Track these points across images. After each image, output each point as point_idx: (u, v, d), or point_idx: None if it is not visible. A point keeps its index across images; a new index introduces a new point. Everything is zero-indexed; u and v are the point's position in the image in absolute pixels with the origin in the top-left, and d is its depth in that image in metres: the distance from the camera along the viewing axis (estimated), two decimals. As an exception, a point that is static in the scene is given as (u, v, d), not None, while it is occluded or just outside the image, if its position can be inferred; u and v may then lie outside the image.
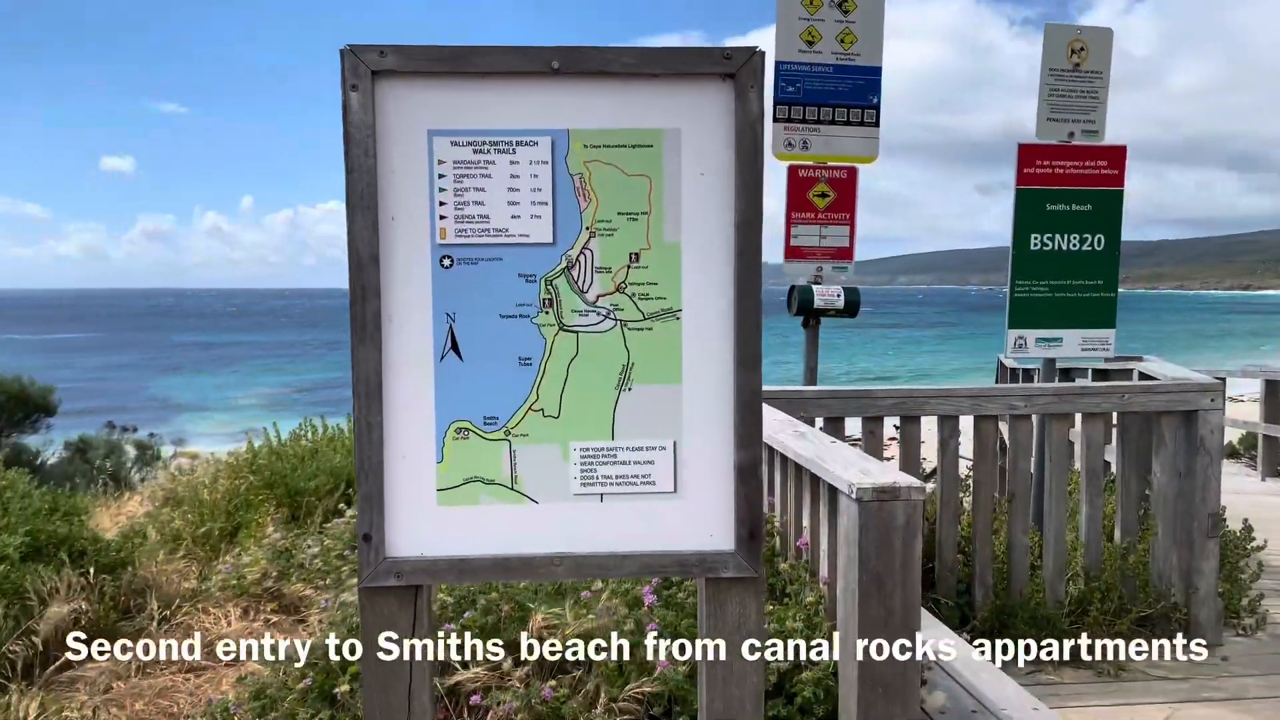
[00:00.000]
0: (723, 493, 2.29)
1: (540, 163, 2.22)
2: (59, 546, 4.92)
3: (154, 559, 5.47)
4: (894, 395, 5.11)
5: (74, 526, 5.04)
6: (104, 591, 4.86)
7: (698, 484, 2.29)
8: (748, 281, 2.25)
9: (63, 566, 4.81)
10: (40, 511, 5.12)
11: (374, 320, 2.20)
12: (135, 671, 4.50)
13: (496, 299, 2.24)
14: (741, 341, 2.25)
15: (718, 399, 2.28)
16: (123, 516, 7.99)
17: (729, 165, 2.24)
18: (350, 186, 2.18)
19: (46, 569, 4.66)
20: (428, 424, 2.25)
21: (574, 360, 2.26)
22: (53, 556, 4.86)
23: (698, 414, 2.28)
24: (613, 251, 2.25)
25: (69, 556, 4.90)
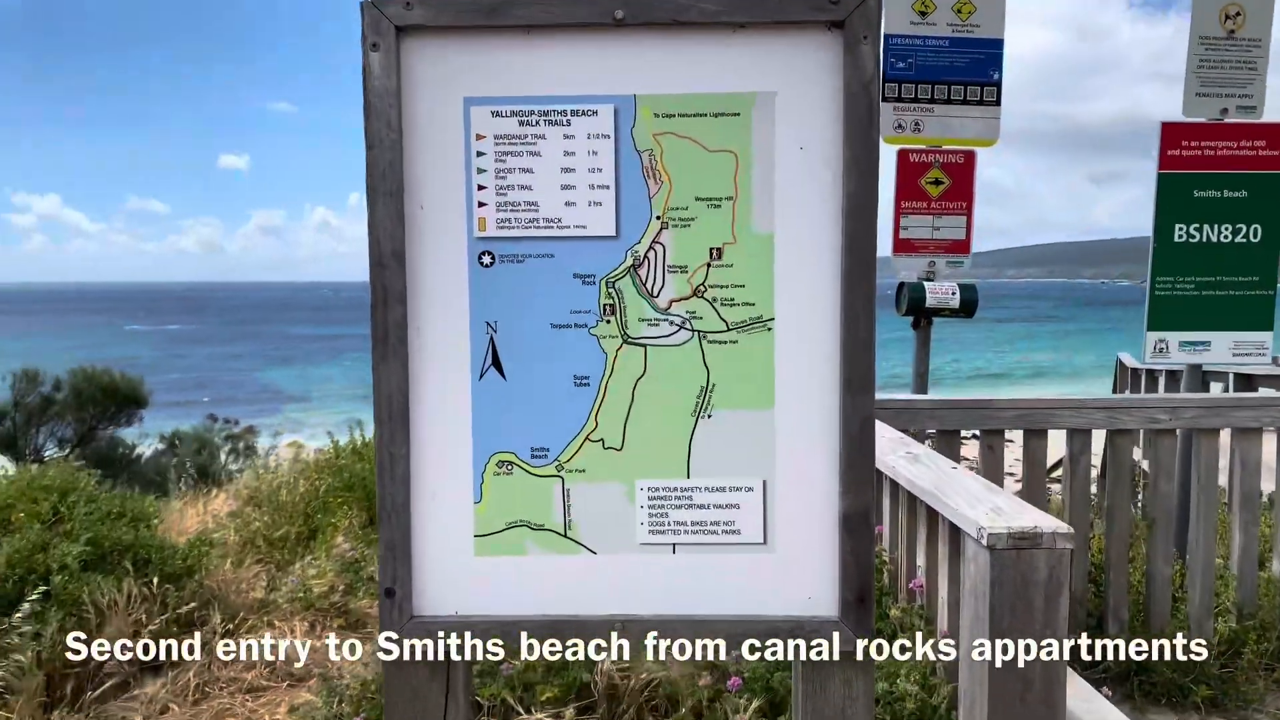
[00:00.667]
0: (824, 546, 1.84)
1: (601, 136, 1.80)
2: (123, 554, 4.71)
3: (221, 567, 5.24)
4: (1017, 406, 4.55)
5: (140, 533, 4.83)
6: (166, 603, 4.64)
7: (793, 534, 1.84)
8: (858, 283, 1.79)
9: (125, 576, 4.60)
10: (108, 515, 4.93)
11: (398, 330, 1.81)
12: (192, 692, 4.26)
13: (547, 305, 1.83)
14: (850, 358, 1.80)
15: (820, 429, 1.83)
16: (208, 515, 7.88)
17: (836, 137, 1.79)
18: (370, 166, 1.79)
19: (107, 580, 4.45)
20: (463, 456, 1.85)
21: (641, 380, 1.84)
22: (116, 565, 4.65)
23: (794, 447, 1.84)
24: (689, 246, 1.81)
25: (133, 565, 4.69)
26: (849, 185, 1.77)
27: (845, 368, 1.80)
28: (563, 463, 1.85)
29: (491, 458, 1.85)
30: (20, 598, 4.26)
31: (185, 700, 4.21)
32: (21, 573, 4.35)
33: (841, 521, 1.82)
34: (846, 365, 1.80)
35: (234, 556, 6.26)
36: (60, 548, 4.40)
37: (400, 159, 1.80)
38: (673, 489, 1.85)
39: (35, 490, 4.86)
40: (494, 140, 1.81)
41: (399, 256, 1.80)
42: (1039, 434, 4.59)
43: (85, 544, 4.52)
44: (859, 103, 1.76)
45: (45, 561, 4.38)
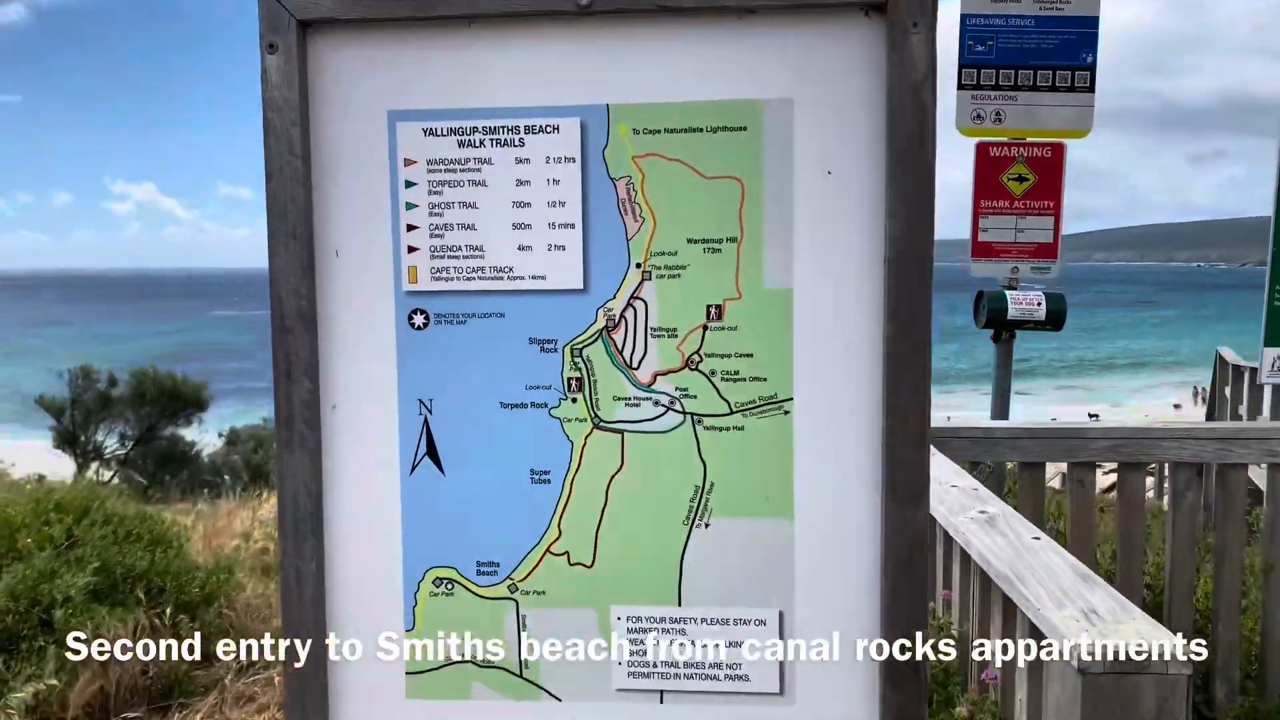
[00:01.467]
0: (860, 701, 1.39)
1: (564, 160, 1.37)
2: (136, 582, 4.45)
3: (242, 592, 4.96)
4: (1112, 435, 4.00)
5: (156, 558, 4.56)
6: (180, 636, 4.36)
7: (819, 684, 1.40)
8: (906, 356, 1.33)
9: (137, 607, 4.34)
10: (125, 538, 4.68)
11: (306, 411, 1.41)
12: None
13: (496, 378, 1.41)
14: (895, 456, 1.34)
15: (855, 549, 1.38)
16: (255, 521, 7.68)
17: (876, 159, 1.33)
18: (270, 202, 1.39)
19: (114, 612, 4.19)
20: (390, 571, 1.45)
21: (617, 476, 1.41)
22: (127, 595, 4.40)
23: (820, 570, 1.39)
24: (680, 303, 1.38)
25: (145, 593, 4.43)
26: (894, 225, 1.31)
27: (889, 469, 1.34)
28: (517, 582, 1.43)
29: (427, 574, 1.44)
30: (20, 634, 4.01)
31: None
32: (25, 605, 4.11)
33: (884, 672, 1.36)
34: (891, 465, 1.34)
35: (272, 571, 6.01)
36: (65, 578, 4.14)
37: (307, 192, 1.39)
38: (660, 619, 1.42)
39: (48, 511, 4.62)
40: (427, 166, 1.39)
41: (307, 317, 1.40)
42: (1136, 468, 4.03)
43: (93, 573, 4.26)
44: (907, 113, 1.30)
45: (50, 592, 4.13)
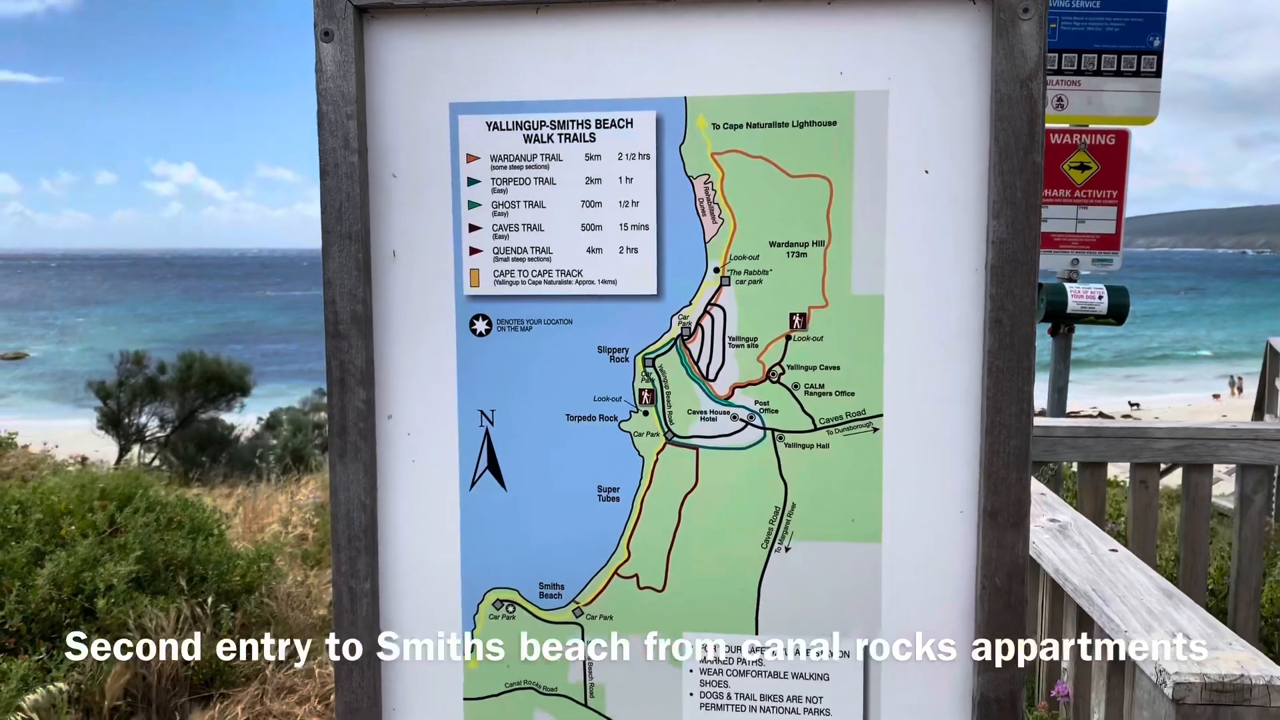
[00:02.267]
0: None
1: (638, 156, 1.27)
2: (178, 570, 4.43)
3: (284, 580, 4.93)
4: (1177, 435, 3.85)
5: (198, 546, 4.54)
6: (221, 624, 4.34)
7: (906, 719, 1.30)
8: (1009, 371, 1.22)
9: (179, 596, 4.32)
10: (167, 525, 4.66)
11: (361, 422, 1.33)
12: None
13: (562, 389, 1.32)
14: (995, 479, 1.24)
15: (948, 576, 1.28)
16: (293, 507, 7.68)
17: (979, 156, 1.22)
18: (325, 200, 1.31)
19: (156, 601, 4.17)
20: (448, 591, 1.37)
21: (691, 495, 1.32)
22: (169, 583, 4.38)
23: (909, 597, 1.29)
24: (761, 311, 1.28)
25: (188, 582, 4.41)
26: (997, 228, 1.21)
27: (987, 491, 1.24)
28: (582, 605, 1.35)
29: (487, 595, 1.36)
30: (63, 622, 4.00)
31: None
32: (68, 593, 4.10)
33: (978, 707, 1.27)
34: (990, 488, 1.24)
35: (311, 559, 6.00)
36: (108, 566, 4.12)
37: (363, 190, 1.30)
38: (735, 648, 1.33)
39: (93, 498, 4.61)
40: (491, 162, 1.30)
41: (362, 322, 1.31)
42: (1202, 469, 3.88)
43: (136, 561, 4.23)
44: (1014, 108, 1.19)
45: (93, 580, 4.11)
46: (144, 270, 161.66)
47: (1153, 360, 45.60)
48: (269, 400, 16.00)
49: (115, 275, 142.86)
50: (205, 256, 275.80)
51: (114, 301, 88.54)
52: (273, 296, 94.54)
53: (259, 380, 12.94)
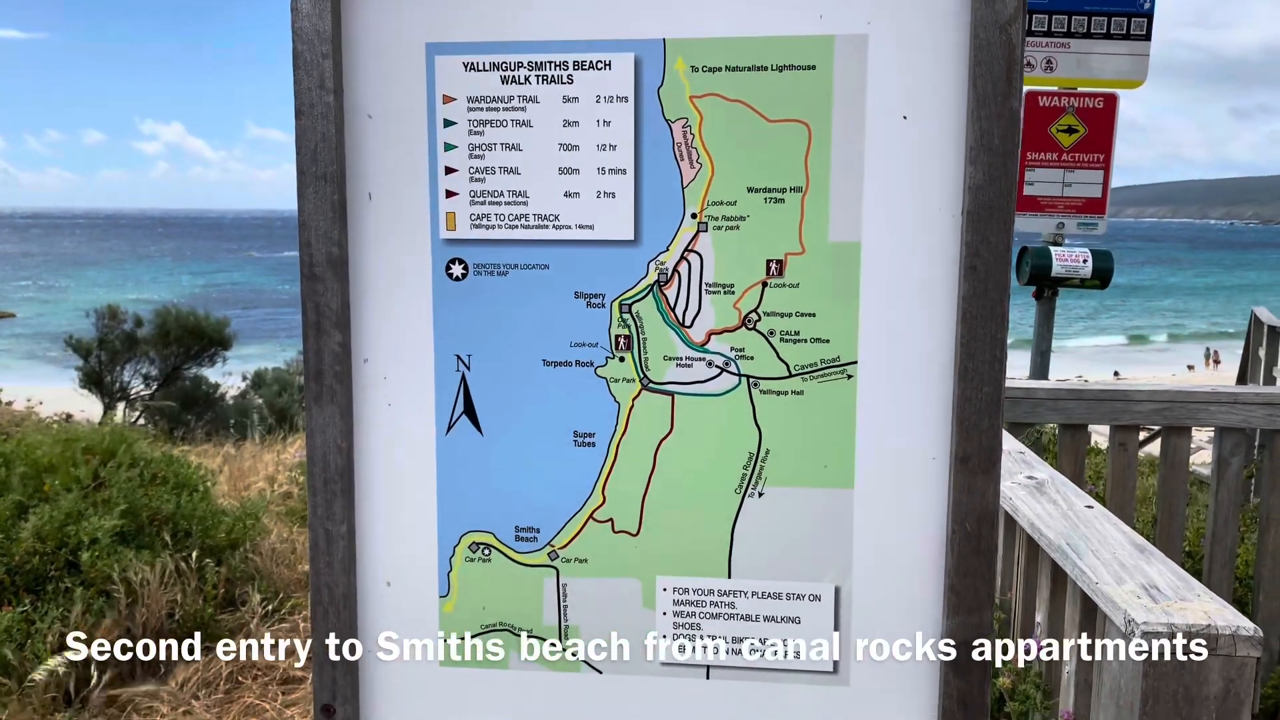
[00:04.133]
0: (919, 683, 1.31)
1: (615, 99, 1.27)
2: (162, 525, 4.44)
3: (268, 536, 4.95)
4: (1157, 398, 3.88)
5: (183, 502, 4.55)
6: (206, 579, 4.36)
7: (874, 664, 1.32)
8: (982, 318, 1.23)
9: (164, 550, 4.33)
10: (151, 480, 4.66)
11: (336, 365, 1.33)
12: (224, 681, 3.97)
13: (538, 334, 1.32)
14: (966, 424, 1.25)
15: (919, 521, 1.29)
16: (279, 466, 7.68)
17: (957, 102, 1.22)
18: (300, 141, 1.30)
19: (141, 555, 4.18)
20: (425, 535, 1.37)
21: (666, 441, 1.32)
22: (154, 538, 4.39)
23: (881, 543, 1.30)
24: (738, 257, 1.28)
25: (172, 537, 4.42)
26: (974, 175, 1.21)
27: (959, 437, 1.25)
28: (558, 549, 1.35)
29: (463, 538, 1.37)
30: (48, 575, 4.01)
31: (215, 691, 3.93)
32: (53, 546, 4.10)
33: (945, 660, 1.28)
34: (962, 434, 1.25)
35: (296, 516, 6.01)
36: (92, 520, 4.13)
37: (339, 131, 1.29)
38: (708, 592, 1.34)
39: (76, 453, 4.60)
40: (468, 104, 1.29)
41: (338, 265, 1.31)
42: (1181, 431, 3.91)
43: (120, 515, 4.24)
44: (993, 53, 1.19)
45: (78, 534, 4.12)
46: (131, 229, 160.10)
47: (1134, 329, 45.76)
48: (256, 361, 15.94)
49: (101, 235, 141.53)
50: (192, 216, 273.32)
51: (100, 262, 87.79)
52: (262, 258, 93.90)
53: (244, 341, 12.87)
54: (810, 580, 1.32)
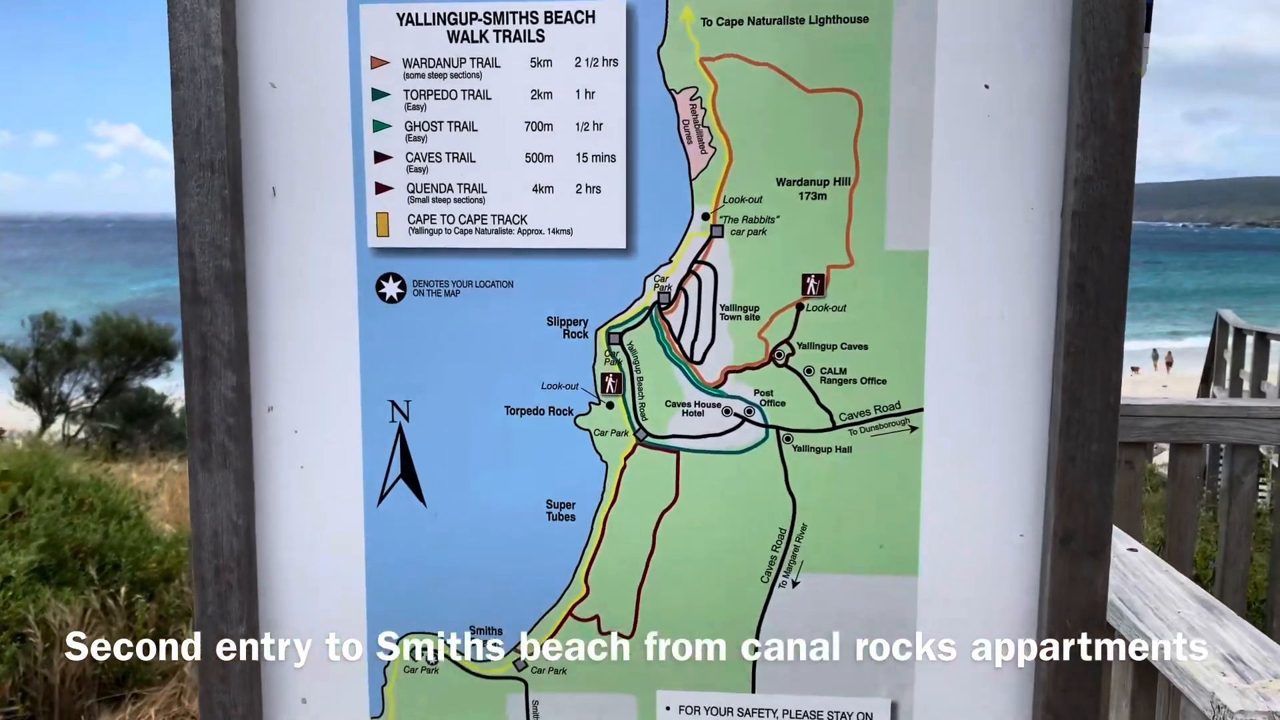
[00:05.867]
0: (1002, 829, 1.00)
1: (602, 62, 0.95)
2: (87, 559, 4.05)
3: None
4: (1166, 413, 3.61)
5: (110, 531, 4.16)
6: (136, 617, 3.97)
7: (943, 803, 1.01)
8: (1090, 347, 0.92)
9: (88, 586, 3.94)
10: (78, 506, 4.27)
11: (230, 416, 0.99)
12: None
13: (500, 373, 1.00)
14: (1068, 491, 0.94)
15: (1000, 615, 0.98)
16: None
17: (1057, 63, 0.91)
18: (178, 117, 0.97)
19: (60, 593, 3.79)
20: (351, 639, 1.04)
21: (669, 512, 1.00)
22: (78, 573, 3.99)
23: (953, 648, 0.99)
24: (765, 271, 0.96)
25: (98, 571, 4.03)
26: (1082, 162, 0.90)
27: (1059, 510, 0.94)
28: (526, 656, 1.03)
29: (401, 642, 1.04)
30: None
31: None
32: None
33: (1037, 791, 0.98)
34: (1062, 506, 0.94)
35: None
36: (6, 556, 3.73)
37: (232, 105, 0.96)
38: (725, 711, 1.02)
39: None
40: (404, 69, 0.97)
41: (231, 283, 0.98)
42: (1191, 449, 3.66)
43: (39, 550, 3.85)
44: (1110, 3, 0.88)
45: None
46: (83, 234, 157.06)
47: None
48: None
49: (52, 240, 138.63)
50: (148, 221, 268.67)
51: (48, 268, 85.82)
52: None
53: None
54: (860, 695, 1.01)
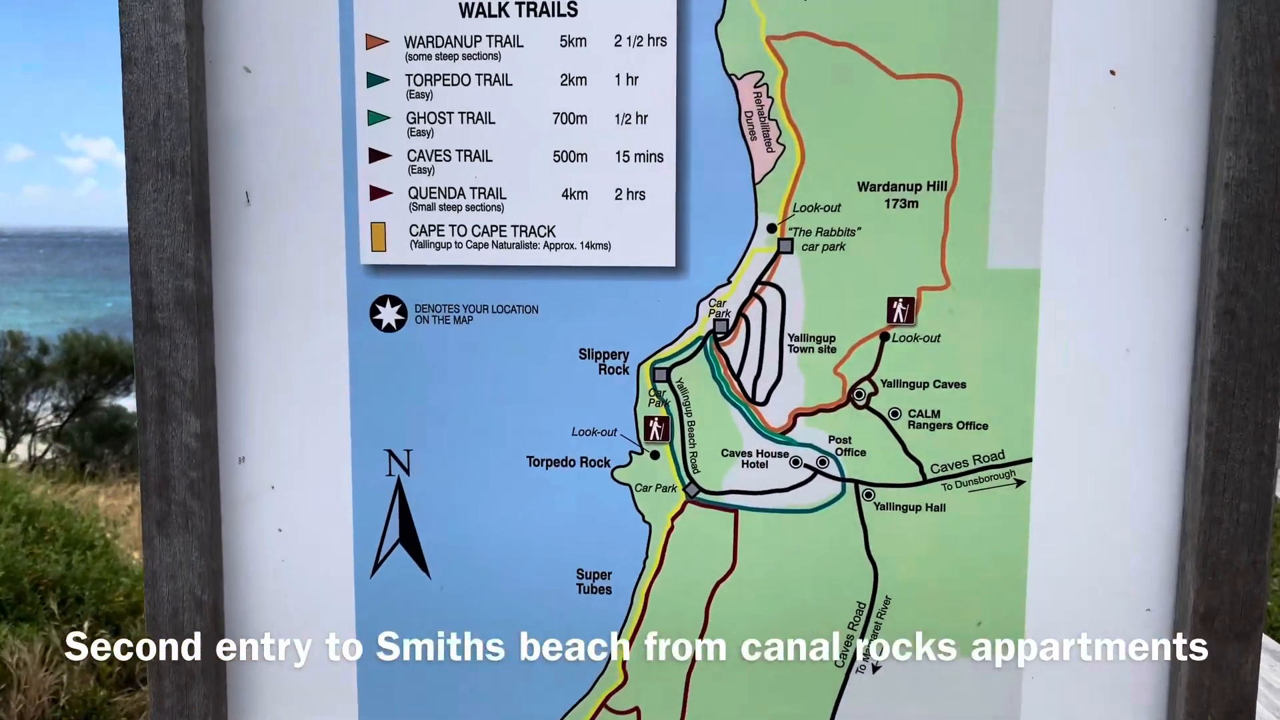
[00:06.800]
0: None
1: (646, 41, 0.78)
2: (47, 592, 3.83)
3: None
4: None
5: (74, 562, 3.94)
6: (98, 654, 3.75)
7: None
8: (1243, 390, 0.77)
9: (48, 621, 3.71)
10: (39, 536, 4.05)
11: (193, 470, 0.82)
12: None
13: (521, 417, 0.83)
14: (1211, 561, 0.78)
15: (1122, 713, 0.82)
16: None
17: (1200, 45, 0.76)
18: (131, 106, 0.79)
19: (18, 629, 3.56)
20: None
21: (725, 582, 0.84)
22: (38, 607, 3.77)
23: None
24: (843, 294, 0.80)
25: (59, 606, 3.81)
26: (1234, 163, 0.74)
27: (1201, 582, 0.78)
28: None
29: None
30: (-99, 658, 3.38)
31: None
32: (-90, 622, 3.47)
33: None
34: (1205, 579, 0.78)
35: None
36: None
37: (196, 92, 0.79)
38: (790, 820, 0.85)
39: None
40: (406, 49, 0.80)
41: (195, 308, 0.80)
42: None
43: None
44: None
45: (-58, 607, 3.50)
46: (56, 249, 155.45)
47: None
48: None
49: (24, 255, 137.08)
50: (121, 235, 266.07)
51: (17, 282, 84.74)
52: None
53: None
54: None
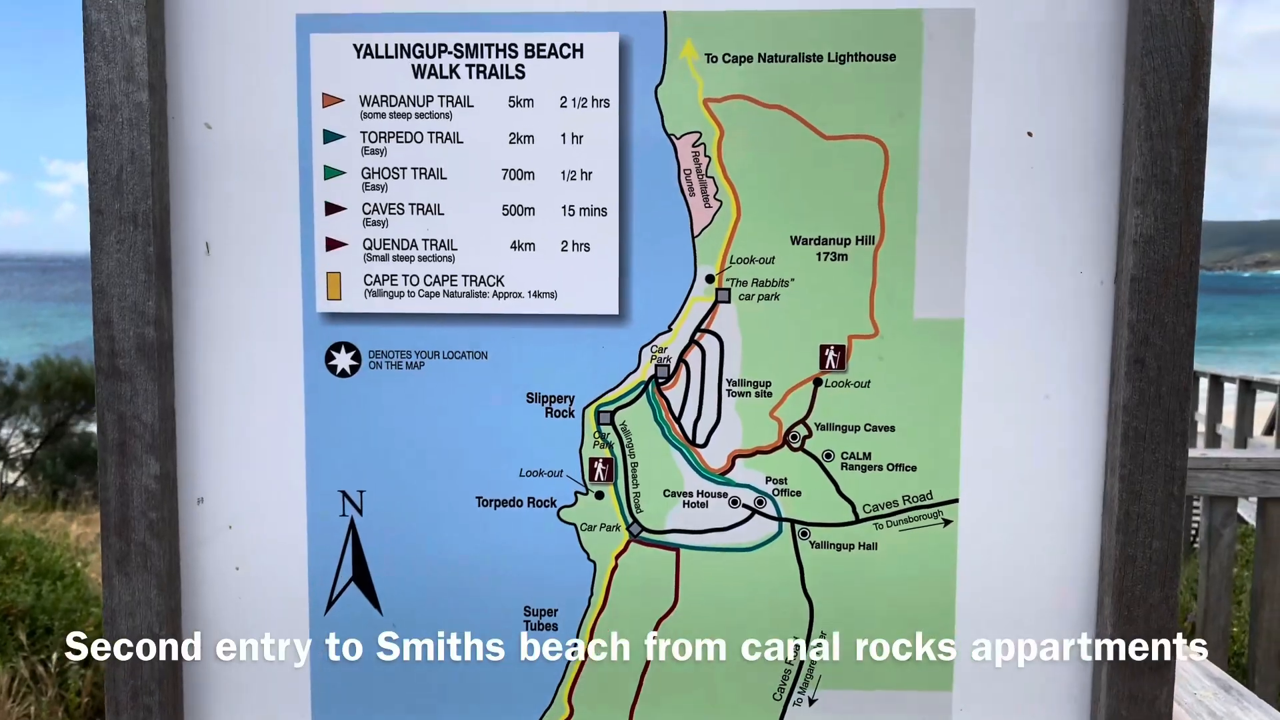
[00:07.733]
0: None
1: (591, 103, 0.82)
2: (17, 623, 3.81)
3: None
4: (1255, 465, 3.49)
5: (44, 592, 3.92)
6: (69, 685, 3.73)
7: None
8: (1154, 435, 0.81)
9: (17, 652, 3.69)
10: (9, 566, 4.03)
11: (152, 510, 0.85)
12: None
13: (471, 459, 0.86)
14: (1126, 597, 0.82)
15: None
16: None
17: (1112, 109, 0.81)
18: (95, 162, 0.83)
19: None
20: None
21: (668, 619, 0.87)
22: (6, 638, 3.75)
23: (991, 773, 0.86)
24: (779, 341, 0.84)
25: (29, 636, 3.79)
26: (1141, 221, 0.79)
27: (1116, 617, 0.82)
28: (501, 787, 0.88)
29: (353, 772, 0.89)
30: None
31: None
32: (-124, 654, 3.45)
33: None
34: (1120, 612, 0.82)
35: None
36: (-74, 622, 3.49)
37: (159, 148, 0.82)
38: None
39: (-86, 538, 3.95)
40: (361, 108, 0.84)
41: (155, 355, 0.83)
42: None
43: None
44: (1172, 36, 0.78)
45: (-92, 639, 3.47)
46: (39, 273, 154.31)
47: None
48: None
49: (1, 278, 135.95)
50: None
51: None
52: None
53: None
54: (887, 830, 0.87)
